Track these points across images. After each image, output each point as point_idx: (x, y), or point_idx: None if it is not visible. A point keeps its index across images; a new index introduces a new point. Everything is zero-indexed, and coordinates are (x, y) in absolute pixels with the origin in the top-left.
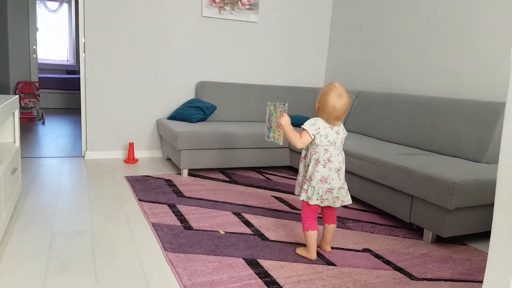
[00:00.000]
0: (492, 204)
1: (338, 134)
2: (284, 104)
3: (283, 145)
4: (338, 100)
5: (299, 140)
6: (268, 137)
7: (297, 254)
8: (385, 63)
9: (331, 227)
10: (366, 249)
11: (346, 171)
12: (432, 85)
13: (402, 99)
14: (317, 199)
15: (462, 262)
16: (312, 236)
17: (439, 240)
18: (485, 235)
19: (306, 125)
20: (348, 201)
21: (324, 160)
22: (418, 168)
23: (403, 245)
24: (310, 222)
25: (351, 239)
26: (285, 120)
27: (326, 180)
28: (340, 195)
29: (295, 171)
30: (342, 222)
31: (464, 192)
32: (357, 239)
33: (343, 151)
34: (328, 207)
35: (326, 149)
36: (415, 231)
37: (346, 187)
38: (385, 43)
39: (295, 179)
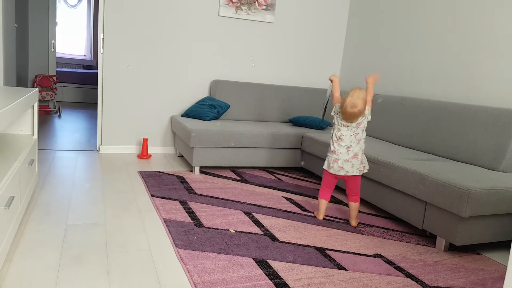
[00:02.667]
0: (509, 214)
1: (351, 125)
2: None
3: (295, 146)
4: (348, 108)
5: (334, 100)
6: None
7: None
8: (401, 67)
9: (353, 204)
10: (377, 254)
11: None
12: (447, 90)
13: (417, 104)
14: (327, 166)
15: (475, 272)
16: (320, 203)
17: (452, 248)
18: (500, 245)
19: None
20: (352, 172)
21: (337, 137)
22: (432, 174)
23: (415, 251)
24: (322, 190)
25: (362, 244)
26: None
27: (335, 152)
28: (345, 166)
29: (306, 172)
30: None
31: (479, 200)
32: (369, 244)
33: (362, 138)
34: (348, 186)
35: (338, 128)
36: (428, 238)
37: (357, 164)
38: (400, 46)
39: (306, 181)
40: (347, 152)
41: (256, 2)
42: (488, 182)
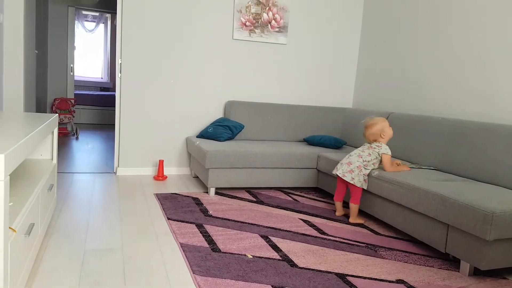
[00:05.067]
0: None
1: (365, 145)
2: None
3: (310, 166)
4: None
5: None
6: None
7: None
8: (417, 84)
9: (350, 205)
10: (400, 280)
11: (378, 196)
12: (466, 108)
13: (435, 122)
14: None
15: None
16: (335, 203)
17: (477, 273)
18: None
19: None
20: (343, 172)
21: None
22: (453, 196)
23: (438, 276)
24: (335, 192)
25: (384, 269)
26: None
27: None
28: (339, 167)
29: (323, 192)
30: (374, 250)
31: (504, 223)
32: (390, 268)
33: (366, 158)
34: (350, 190)
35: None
36: (451, 262)
37: (346, 168)
38: (416, 63)
39: (323, 201)
40: (347, 157)
41: (269, 24)
42: None
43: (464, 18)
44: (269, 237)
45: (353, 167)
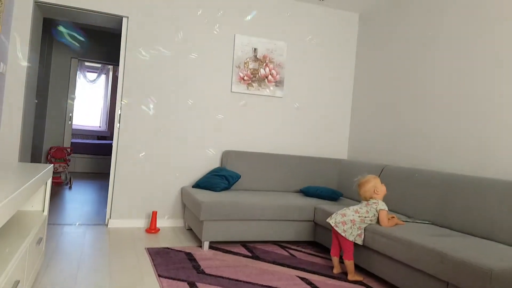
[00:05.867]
0: None
1: (363, 202)
2: None
3: (307, 218)
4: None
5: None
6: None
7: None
8: (410, 137)
9: (345, 261)
10: None
11: (375, 251)
12: (460, 162)
13: (430, 176)
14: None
15: None
16: (332, 259)
17: None
18: None
19: None
20: (336, 223)
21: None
22: (451, 252)
23: None
24: (331, 247)
25: None
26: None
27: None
28: (334, 216)
29: (320, 247)
30: None
31: (504, 281)
32: None
33: (362, 214)
34: (341, 245)
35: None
36: None
37: (339, 219)
38: (410, 117)
39: (321, 257)
40: (343, 209)
41: (266, 79)
42: (511, 260)
43: (458, 72)
44: None
45: (346, 219)
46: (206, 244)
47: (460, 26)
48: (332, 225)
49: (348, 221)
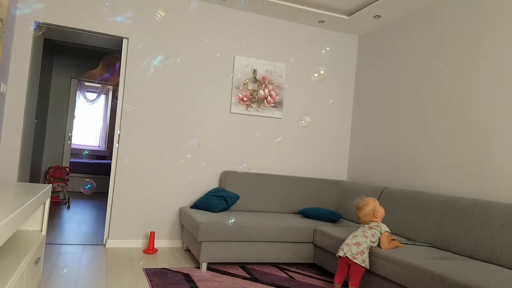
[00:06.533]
0: None
1: (365, 226)
2: None
3: (306, 240)
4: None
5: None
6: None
7: None
8: (409, 158)
9: None
10: None
11: (376, 274)
12: (461, 184)
13: (430, 198)
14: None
15: None
16: (334, 286)
17: None
18: None
19: None
20: (349, 255)
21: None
22: (452, 276)
23: None
24: (336, 274)
25: None
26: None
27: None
28: (344, 248)
29: (320, 269)
30: None
31: None
32: None
33: (370, 239)
34: (350, 271)
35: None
36: None
37: (355, 250)
38: (409, 139)
39: (320, 279)
40: (353, 238)
41: (265, 100)
42: (510, 284)
43: (458, 96)
44: None
45: (363, 248)
46: (204, 265)
47: (459, 47)
48: (350, 258)
49: (364, 250)
